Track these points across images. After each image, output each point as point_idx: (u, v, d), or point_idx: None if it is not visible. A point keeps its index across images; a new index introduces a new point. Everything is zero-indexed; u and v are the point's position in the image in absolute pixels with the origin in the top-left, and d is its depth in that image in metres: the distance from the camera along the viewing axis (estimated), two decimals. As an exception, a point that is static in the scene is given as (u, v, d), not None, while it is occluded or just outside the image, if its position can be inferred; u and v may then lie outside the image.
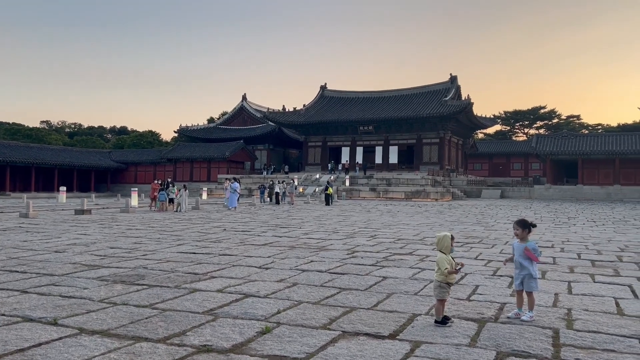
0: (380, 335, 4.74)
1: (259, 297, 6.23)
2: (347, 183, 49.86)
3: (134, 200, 26.57)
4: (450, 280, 5.11)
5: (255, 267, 8.39)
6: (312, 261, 9.03)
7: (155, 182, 27.20)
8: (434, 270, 7.81)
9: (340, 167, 57.58)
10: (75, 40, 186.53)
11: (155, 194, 25.25)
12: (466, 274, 7.93)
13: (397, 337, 4.69)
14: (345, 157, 60.11)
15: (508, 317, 5.36)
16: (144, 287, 6.75)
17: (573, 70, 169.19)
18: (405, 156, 59.03)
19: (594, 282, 7.44)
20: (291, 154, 73.04)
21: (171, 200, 25.16)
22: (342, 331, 4.85)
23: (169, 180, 29.49)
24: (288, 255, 9.77)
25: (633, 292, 6.79)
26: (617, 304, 6.06)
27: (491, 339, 4.62)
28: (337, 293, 6.50)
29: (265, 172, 59.83)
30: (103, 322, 5.04)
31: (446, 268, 5.04)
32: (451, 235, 5.19)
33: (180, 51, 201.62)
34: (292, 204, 33.74)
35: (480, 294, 6.54)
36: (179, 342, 4.45)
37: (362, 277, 7.57)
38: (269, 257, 9.47)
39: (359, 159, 58.97)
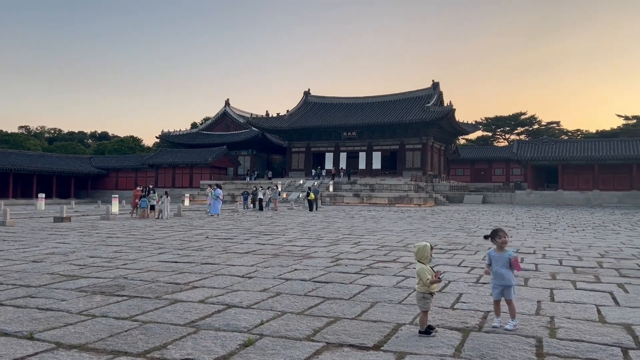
0: (365, 346, 4.69)
1: (241, 307, 6.14)
2: (331, 189, 49.90)
3: (115, 207, 26.21)
4: (432, 290, 5.09)
5: (238, 276, 8.29)
6: (295, 270, 8.96)
7: (137, 188, 26.86)
8: (413, 277, 7.81)
9: (324, 172, 57.61)
10: (54, 44, 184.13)
11: (137, 200, 24.93)
12: (450, 282, 7.94)
13: (382, 348, 4.65)
14: (329, 163, 60.20)
15: (493, 327, 5.35)
16: (124, 298, 6.62)
17: (553, 77, 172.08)
18: (389, 162, 59.32)
19: (576, 289, 7.50)
20: (275, 159, 72.91)
21: (152, 207, 24.87)
22: (326, 342, 4.79)
23: (151, 186, 29.13)
24: (271, 263, 9.68)
25: (614, 299, 6.85)
26: (599, 312, 6.10)
27: (475, 349, 4.61)
28: (321, 302, 6.45)
29: (248, 178, 59.61)
30: (81, 336, 4.91)
31: (428, 279, 5.02)
32: (430, 245, 5.18)
33: (162, 56, 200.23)
34: (276, 210, 33.61)
35: (464, 302, 6.54)
36: (159, 356, 4.35)
37: (346, 286, 7.53)
38: (251, 265, 9.38)
39: (343, 164, 59.10)
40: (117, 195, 27.83)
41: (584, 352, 4.54)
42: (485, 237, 5.73)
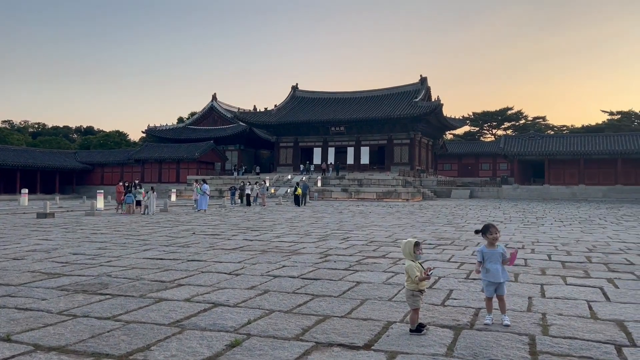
0: (355, 345, 4.58)
1: (228, 306, 5.99)
2: (319, 184, 49.77)
3: (100, 203, 25.84)
4: (421, 288, 4.98)
5: (225, 273, 8.13)
6: (284, 266, 8.82)
7: (120, 184, 26.47)
8: (403, 274, 7.71)
9: (312, 167, 57.40)
10: (39, 38, 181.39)
11: (122, 196, 24.58)
12: (440, 278, 7.85)
13: (372, 347, 4.54)
14: (317, 158, 60.06)
15: (485, 324, 5.26)
16: (107, 297, 6.43)
17: (540, 73, 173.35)
18: (377, 157, 59.33)
19: (566, 284, 7.46)
20: (263, 154, 72.56)
21: (138, 203, 24.53)
22: (315, 342, 4.66)
23: (136, 181, 28.77)
24: (259, 260, 9.53)
25: (604, 294, 6.81)
26: (590, 307, 6.05)
27: (468, 348, 4.51)
28: (310, 300, 6.32)
29: (236, 173, 59.23)
30: (61, 337, 4.73)
31: (416, 276, 4.91)
32: (415, 241, 5.06)
33: (149, 50, 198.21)
34: (264, 205, 33.42)
35: (455, 299, 6.45)
36: (142, 358, 4.19)
37: (336, 283, 7.41)
38: (239, 262, 9.22)
39: (331, 159, 58.98)
40: (102, 191, 27.46)
41: (578, 350, 4.46)
42: (476, 232, 5.64)
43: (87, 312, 5.67)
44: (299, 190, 33.70)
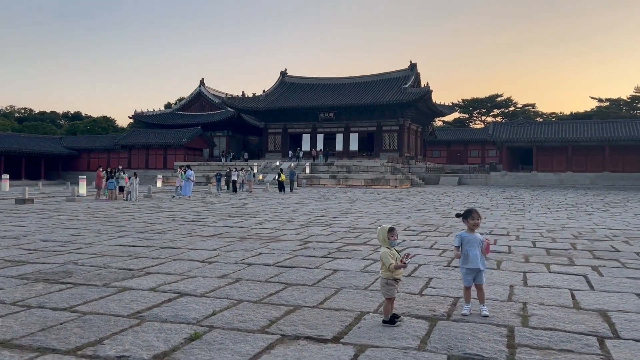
0: (323, 338, 4.29)
1: (195, 296, 5.69)
2: (308, 170, 49.43)
3: (83, 189, 25.36)
4: (397, 276, 4.70)
5: (198, 261, 7.82)
6: (260, 254, 8.53)
7: (100, 169, 25.92)
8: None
9: (301, 154, 56.95)
10: (26, 22, 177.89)
11: (104, 182, 24.10)
12: (420, 265, 7.60)
13: (341, 340, 4.26)
14: (306, 145, 59.59)
15: (463, 315, 5.01)
16: (69, 286, 6.10)
17: (529, 60, 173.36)
18: (366, 143, 59.01)
19: (550, 272, 7.24)
20: (251, 140, 71.91)
21: (121, 189, 24.07)
22: (281, 335, 4.38)
23: (120, 167, 28.25)
24: (236, 247, 9.22)
25: (588, 282, 6.59)
26: (573, 296, 5.82)
27: (442, 340, 4.25)
28: (283, 289, 6.03)
29: (224, 159, 58.64)
30: (8, 330, 4.40)
31: (391, 263, 4.62)
32: (389, 227, 4.77)
33: (137, 34, 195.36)
34: (250, 192, 33.07)
35: (433, 288, 6.20)
36: (91, 354, 3.88)
37: (312, 271, 7.13)
38: (214, 249, 8.91)
39: (320, 146, 58.57)
40: (84, 177, 26.94)
41: (558, 343, 4.22)
42: (457, 216, 5.38)
43: (43, 302, 5.34)
44: (283, 177, 33.37)
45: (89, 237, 10.38)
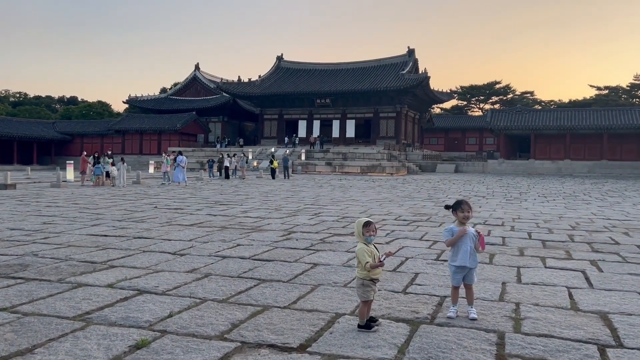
0: (288, 347, 3.78)
1: (155, 293, 5.17)
2: (303, 157, 48.87)
3: (70, 174, 24.77)
4: (374, 276, 4.17)
5: (169, 253, 7.29)
6: (238, 245, 8.00)
7: (84, 154, 25.27)
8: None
9: (297, 140, 56.25)
10: (21, 5, 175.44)
11: (88, 167, 23.49)
12: (407, 259, 7.09)
13: (308, 349, 3.75)
14: (302, 131, 58.92)
15: (448, 318, 4.50)
16: (19, 281, 5.57)
17: (528, 47, 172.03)
18: (363, 130, 58.37)
19: (545, 267, 6.73)
20: (247, 126, 71.14)
21: (108, 174, 23.47)
22: (241, 342, 3.86)
23: (109, 152, 27.62)
24: (213, 237, 8.70)
25: (587, 279, 6.09)
26: (571, 296, 5.32)
27: (423, 350, 3.74)
28: (254, 286, 5.52)
29: (219, 145, 57.96)
30: None
31: (367, 262, 4.09)
32: (366, 220, 4.23)
33: (134, 18, 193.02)
34: (243, 178, 32.52)
35: (419, 285, 5.69)
36: (16, 366, 3.36)
37: (290, 265, 6.61)
38: (190, 240, 8.38)
39: (316, 132, 57.87)
40: (72, 162, 26.30)
41: (554, 353, 3.72)
42: (447, 207, 4.84)
43: (-16, 301, 4.81)
44: (275, 163, 32.82)
45: (61, 226, 9.84)
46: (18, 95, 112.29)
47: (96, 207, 13.64)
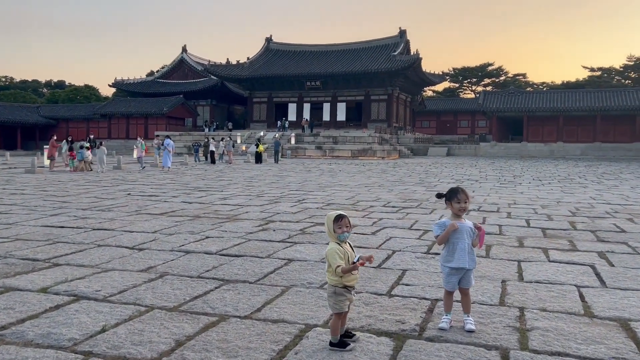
0: (239, 375, 3.01)
1: (95, 300, 4.37)
2: (293, 141, 47.89)
3: (47, 159, 23.70)
4: (348, 283, 3.39)
5: (127, 247, 6.48)
6: (207, 237, 7.20)
7: (54, 138, 24.22)
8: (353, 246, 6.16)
9: (287, 124, 55.18)
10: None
11: (63, 152, 22.51)
12: (394, 252, 6.33)
13: (265, 377, 2.97)
14: (292, 114, 57.81)
15: (440, 329, 3.75)
16: (-62, 285, 4.74)
17: (521, 28, 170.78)
18: (354, 113, 57.35)
19: (549, 260, 6.00)
20: (236, 110, 69.85)
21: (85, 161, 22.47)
22: (181, 368, 3.08)
23: (91, 136, 26.56)
24: (181, 229, 7.88)
25: (597, 275, 5.36)
26: (582, 297, 4.58)
27: (409, 377, 2.98)
28: (215, 289, 4.73)
29: (207, 129, 56.75)
30: None
31: (338, 265, 3.30)
32: (337, 214, 3.42)
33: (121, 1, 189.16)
34: (230, 163, 31.62)
35: (407, 285, 4.92)
36: None
37: (261, 261, 5.82)
38: (154, 232, 7.55)
39: (307, 116, 56.77)
40: (48, 147, 25.18)
41: (572, 379, 2.97)
42: (439, 196, 4.03)
43: None
44: (261, 147, 31.93)
45: (17, 216, 8.98)
46: (4, 79, 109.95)
47: (65, 194, 12.76)
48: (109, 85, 71.29)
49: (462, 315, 3.86)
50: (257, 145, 32.00)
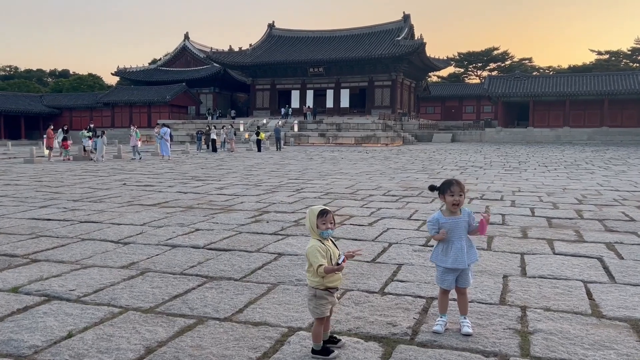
0: (209, 388, 2.72)
1: (67, 300, 4.10)
2: (296, 128, 47.52)
3: (46, 149, 23.48)
4: (330, 284, 3.09)
5: (112, 241, 6.21)
6: (197, 230, 6.91)
7: (51, 128, 23.96)
8: (348, 239, 5.91)
9: (290, 111, 54.75)
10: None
11: (56, 141, 22.31)
12: (390, 245, 6.03)
13: (237, 391, 2.69)
14: (295, 101, 57.33)
15: (434, 332, 3.46)
16: None
17: (526, 11, 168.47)
18: (357, 100, 56.78)
19: (554, 253, 5.68)
20: (239, 97, 69.36)
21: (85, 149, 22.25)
22: (147, 380, 2.80)
23: (91, 125, 26.30)
24: (172, 220, 7.60)
25: (606, 269, 5.04)
26: (590, 294, 4.27)
27: (396, 390, 2.69)
28: (197, 287, 4.45)
29: (210, 117, 56.43)
30: None
31: (320, 264, 2.99)
32: (321, 209, 3.11)
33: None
34: (232, 151, 31.33)
35: (401, 281, 4.63)
36: None
37: (249, 256, 5.53)
38: (142, 224, 7.28)
39: (310, 102, 56.30)
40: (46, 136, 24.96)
41: (578, 392, 2.67)
42: (432, 189, 3.68)
43: None
44: (262, 135, 31.58)
45: (5, 208, 8.73)
46: (8, 68, 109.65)
47: (59, 185, 12.51)
48: (112, 74, 70.87)
49: (459, 318, 3.56)
50: (258, 133, 31.63)
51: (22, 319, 3.69)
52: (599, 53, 74.73)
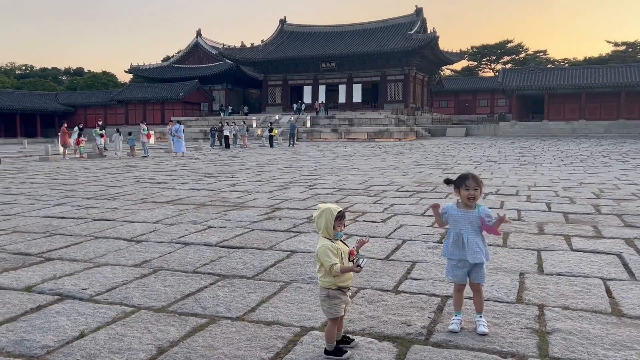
0: (221, 389, 2.69)
1: (80, 299, 4.10)
2: (308, 124, 47.45)
3: (62, 147, 23.71)
4: (342, 284, 3.03)
5: (125, 239, 6.22)
6: (210, 227, 6.90)
7: (64, 126, 24.17)
8: (360, 236, 5.82)
9: (303, 106, 54.69)
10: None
11: (67, 139, 22.53)
12: (404, 242, 5.96)
13: (249, 393, 2.66)
14: (307, 97, 57.24)
15: (450, 331, 3.39)
16: None
17: (540, 3, 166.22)
18: (370, 94, 56.51)
19: (572, 249, 5.57)
20: (251, 94, 69.47)
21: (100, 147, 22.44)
22: (158, 381, 2.78)
23: (99, 123, 26.44)
24: (184, 218, 7.60)
25: (625, 265, 4.93)
26: (609, 292, 4.16)
27: (411, 393, 2.63)
28: (209, 285, 4.43)
29: (222, 114, 56.56)
30: None
31: (334, 264, 2.94)
32: (339, 211, 3.05)
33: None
34: (245, 147, 31.38)
35: (416, 279, 4.56)
36: None
37: (262, 253, 5.51)
38: (155, 222, 7.29)
39: (322, 98, 56.17)
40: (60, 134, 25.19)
41: (599, 395, 2.59)
42: (447, 182, 3.62)
43: None
44: (275, 131, 31.60)
45: (20, 206, 8.81)
46: (24, 67, 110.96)
47: (74, 182, 12.61)
48: (125, 71, 71.40)
49: (475, 316, 3.49)
50: (271, 130, 31.65)
51: (35, 318, 3.69)
52: (616, 44, 73.48)
